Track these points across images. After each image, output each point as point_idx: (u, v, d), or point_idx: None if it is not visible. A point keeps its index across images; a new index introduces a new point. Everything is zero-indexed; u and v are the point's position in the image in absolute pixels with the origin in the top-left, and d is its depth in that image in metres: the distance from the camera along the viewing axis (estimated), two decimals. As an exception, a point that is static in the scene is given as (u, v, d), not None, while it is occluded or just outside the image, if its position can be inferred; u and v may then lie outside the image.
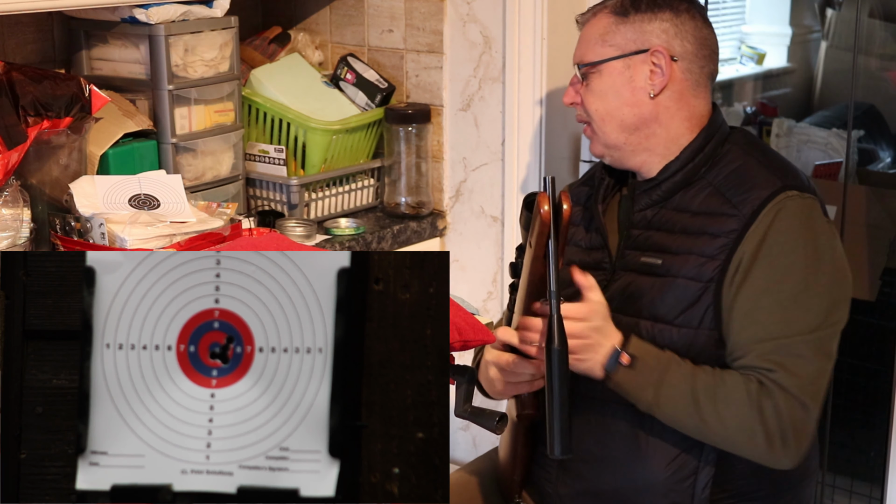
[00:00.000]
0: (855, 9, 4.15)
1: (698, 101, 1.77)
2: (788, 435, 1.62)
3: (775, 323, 1.64)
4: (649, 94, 1.75)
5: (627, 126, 1.76)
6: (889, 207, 3.06)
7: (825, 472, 2.79)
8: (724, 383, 1.64)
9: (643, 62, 1.75)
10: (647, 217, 1.76)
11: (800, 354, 1.63)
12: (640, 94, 1.75)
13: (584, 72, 1.78)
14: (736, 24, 4.76)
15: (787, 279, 1.65)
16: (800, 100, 4.61)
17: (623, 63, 1.75)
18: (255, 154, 2.49)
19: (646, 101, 1.75)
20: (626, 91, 1.75)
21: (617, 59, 1.75)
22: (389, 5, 2.62)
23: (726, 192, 1.70)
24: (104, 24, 2.27)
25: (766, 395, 1.62)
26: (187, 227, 2.03)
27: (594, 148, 1.83)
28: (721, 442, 1.66)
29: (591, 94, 1.78)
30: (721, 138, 1.77)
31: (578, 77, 1.80)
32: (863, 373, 3.08)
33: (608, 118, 1.77)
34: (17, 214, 1.97)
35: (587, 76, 1.78)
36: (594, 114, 1.78)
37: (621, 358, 1.64)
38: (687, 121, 1.76)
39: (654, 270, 1.71)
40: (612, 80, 1.76)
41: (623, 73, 1.75)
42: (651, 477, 1.71)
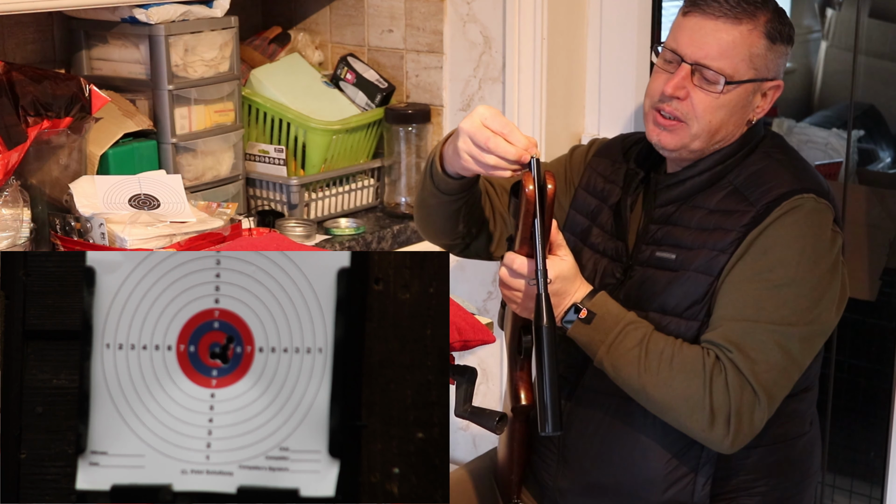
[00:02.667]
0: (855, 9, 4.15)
1: None
2: (732, 417, 1.60)
3: (749, 306, 1.63)
4: (749, 120, 1.75)
5: (716, 140, 1.73)
6: (889, 207, 3.06)
7: (825, 472, 2.79)
8: (681, 351, 1.63)
9: (764, 90, 1.74)
10: (667, 213, 1.75)
11: (763, 342, 1.61)
12: (745, 118, 1.74)
13: (718, 80, 1.69)
14: (736, 24, 4.75)
15: (776, 270, 1.64)
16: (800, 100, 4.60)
17: (754, 87, 1.72)
18: (255, 154, 2.49)
19: (742, 125, 1.75)
20: (740, 112, 1.72)
21: (752, 82, 1.71)
22: (389, 5, 2.62)
23: (745, 191, 1.70)
24: (104, 24, 2.27)
25: (718, 371, 1.60)
26: (187, 227, 2.03)
27: (671, 142, 1.73)
28: (663, 410, 1.64)
29: (712, 104, 1.69)
30: (754, 145, 1.76)
31: (695, 72, 1.70)
32: (863, 373, 3.08)
33: (714, 131, 1.72)
34: (17, 214, 1.97)
35: (720, 87, 1.69)
36: (706, 123, 1.71)
37: (579, 313, 1.66)
38: None
39: (668, 265, 1.70)
40: (738, 99, 1.71)
41: (748, 95, 1.72)
42: (651, 472, 1.71)
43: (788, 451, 1.77)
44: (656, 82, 1.74)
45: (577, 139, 2.50)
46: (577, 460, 1.78)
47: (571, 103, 2.50)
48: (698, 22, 1.70)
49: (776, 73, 1.75)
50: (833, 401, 2.69)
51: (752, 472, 1.72)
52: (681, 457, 1.70)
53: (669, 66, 1.73)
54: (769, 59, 1.72)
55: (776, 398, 1.63)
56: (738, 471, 1.72)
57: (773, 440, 1.73)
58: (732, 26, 1.68)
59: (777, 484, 1.75)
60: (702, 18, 1.70)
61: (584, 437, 1.77)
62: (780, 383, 1.63)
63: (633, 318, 1.67)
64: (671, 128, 1.73)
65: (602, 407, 1.75)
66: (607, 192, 1.86)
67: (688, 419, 1.62)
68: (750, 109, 1.74)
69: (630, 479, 1.74)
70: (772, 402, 1.62)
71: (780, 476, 1.75)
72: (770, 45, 1.71)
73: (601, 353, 1.66)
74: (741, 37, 1.68)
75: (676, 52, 1.71)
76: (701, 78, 1.69)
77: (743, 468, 1.72)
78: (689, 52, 1.70)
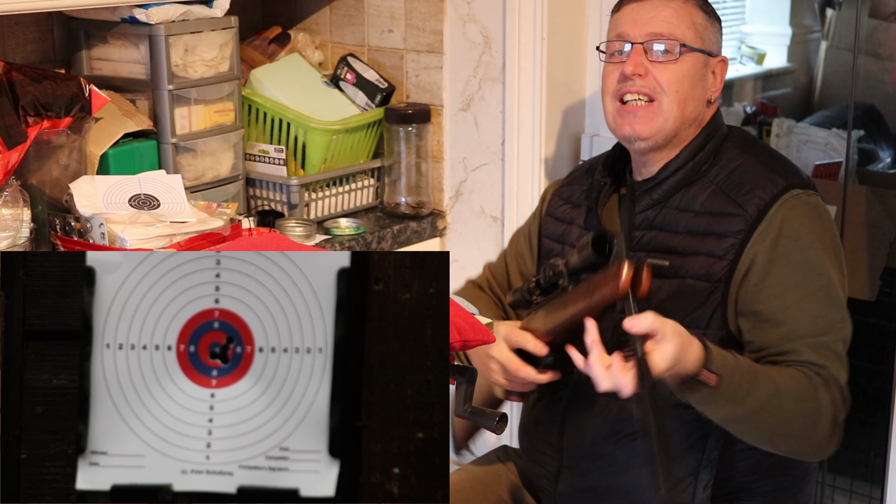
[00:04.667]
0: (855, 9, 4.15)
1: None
2: (838, 426, 1.64)
3: (812, 318, 1.65)
4: (708, 99, 1.78)
5: (686, 119, 1.75)
6: (889, 207, 3.06)
7: (825, 472, 2.79)
8: (792, 379, 1.62)
9: (712, 66, 1.78)
10: (650, 218, 1.75)
11: (838, 352, 1.65)
12: (704, 95, 1.77)
13: (672, 51, 1.73)
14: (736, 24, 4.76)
15: (809, 275, 1.66)
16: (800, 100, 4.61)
17: (703, 60, 1.76)
18: (255, 154, 2.49)
19: (704, 102, 1.78)
20: (700, 85, 1.76)
21: (703, 54, 1.76)
22: (389, 5, 2.62)
23: (730, 192, 1.70)
24: (104, 24, 2.27)
25: (825, 388, 1.62)
26: (187, 227, 2.03)
27: (645, 128, 1.74)
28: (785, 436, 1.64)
29: (673, 74, 1.73)
30: (721, 137, 1.78)
31: (648, 50, 1.74)
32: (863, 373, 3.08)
33: (682, 104, 1.74)
34: (17, 214, 1.97)
35: (677, 55, 1.73)
36: (674, 94, 1.73)
37: (705, 378, 1.54)
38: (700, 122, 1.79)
39: (663, 272, 1.70)
40: (694, 71, 1.75)
41: (702, 68, 1.76)
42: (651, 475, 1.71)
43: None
44: (611, 76, 1.77)
45: (577, 139, 2.50)
46: (576, 464, 1.78)
47: (571, 103, 2.50)
48: (634, 7, 1.77)
49: (719, 50, 1.80)
50: (833, 401, 2.69)
51: (752, 473, 1.72)
52: (681, 460, 1.69)
53: (620, 57, 1.76)
54: (711, 33, 1.78)
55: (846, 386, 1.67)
56: (739, 472, 1.72)
57: None
58: (667, 3, 1.76)
59: (777, 484, 1.75)
60: (636, 4, 1.77)
61: (581, 440, 1.77)
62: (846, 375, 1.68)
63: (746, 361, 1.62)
64: (642, 112, 1.74)
65: (599, 410, 1.75)
66: (575, 214, 1.88)
67: (806, 441, 1.64)
68: (706, 86, 1.77)
69: (629, 483, 1.73)
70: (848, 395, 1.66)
71: (780, 476, 1.75)
72: (708, 18, 1.78)
73: (734, 411, 1.59)
74: (679, 8, 1.76)
75: (623, 38, 1.76)
76: (654, 52, 1.74)
77: (743, 469, 1.72)
78: (634, 32, 1.75)
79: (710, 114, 1.79)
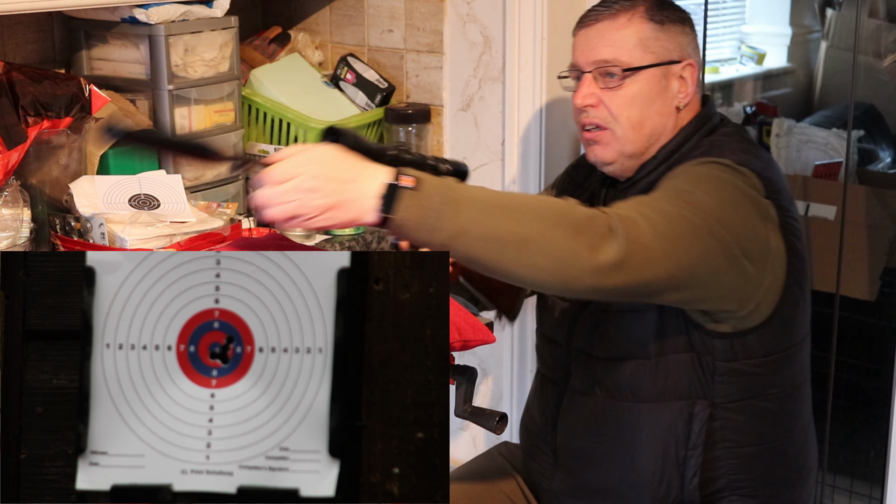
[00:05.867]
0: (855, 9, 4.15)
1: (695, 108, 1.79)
2: (617, 226, 1.43)
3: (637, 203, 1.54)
4: (677, 107, 1.75)
5: (651, 135, 1.74)
6: (889, 207, 3.06)
7: (825, 472, 2.79)
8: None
9: (675, 73, 1.75)
10: None
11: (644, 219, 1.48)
12: (669, 105, 1.75)
13: (618, 74, 1.72)
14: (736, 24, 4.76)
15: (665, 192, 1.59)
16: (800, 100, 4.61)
17: (661, 71, 1.73)
18: (255, 154, 2.49)
19: (673, 113, 1.75)
20: (658, 101, 1.73)
21: (656, 67, 1.73)
22: (389, 5, 2.62)
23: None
24: (104, 24, 2.27)
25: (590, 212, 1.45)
26: (187, 227, 2.03)
27: (606, 153, 1.75)
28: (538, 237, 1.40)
29: (622, 99, 1.72)
30: (705, 133, 1.76)
31: (596, 78, 1.74)
32: (863, 373, 3.09)
33: (638, 126, 1.73)
34: (17, 214, 1.97)
35: (621, 79, 1.72)
36: (625, 120, 1.73)
37: (403, 181, 1.35)
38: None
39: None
40: (649, 87, 1.73)
41: (659, 81, 1.73)
42: (640, 472, 1.72)
43: (780, 451, 1.75)
44: (573, 105, 1.78)
45: (577, 139, 2.50)
46: (569, 462, 1.79)
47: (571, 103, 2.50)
48: (583, 33, 1.77)
49: (683, 55, 1.75)
50: (833, 401, 2.70)
51: (742, 472, 1.72)
52: (666, 453, 1.70)
53: (576, 85, 1.78)
54: (665, 42, 1.74)
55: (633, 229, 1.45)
56: (727, 470, 1.71)
57: (761, 440, 1.72)
58: (612, 22, 1.74)
59: (769, 484, 1.74)
60: (585, 29, 1.77)
61: (574, 438, 1.78)
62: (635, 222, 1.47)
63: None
64: (599, 139, 1.75)
65: (589, 409, 1.76)
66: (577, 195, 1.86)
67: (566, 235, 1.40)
68: (670, 96, 1.75)
69: (619, 480, 1.74)
70: (627, 229, 1.44)
71: (773, 476, 1.74)
72: (659, 28, 1.74)
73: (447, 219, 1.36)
74: (624, 27, 1.73)
75: (574, 68, 1.78)
76: (603, 78, 1.73)
77: (732, 468, 1.71)
78: (582, 60, 1.76)
79: (688, 117, 1.77)
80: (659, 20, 1.74)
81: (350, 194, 1.35)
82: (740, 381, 1.69)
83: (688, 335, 1.67)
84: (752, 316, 1.65)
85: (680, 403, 1.69)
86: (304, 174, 1.34)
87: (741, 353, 1.68)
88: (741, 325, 1.66)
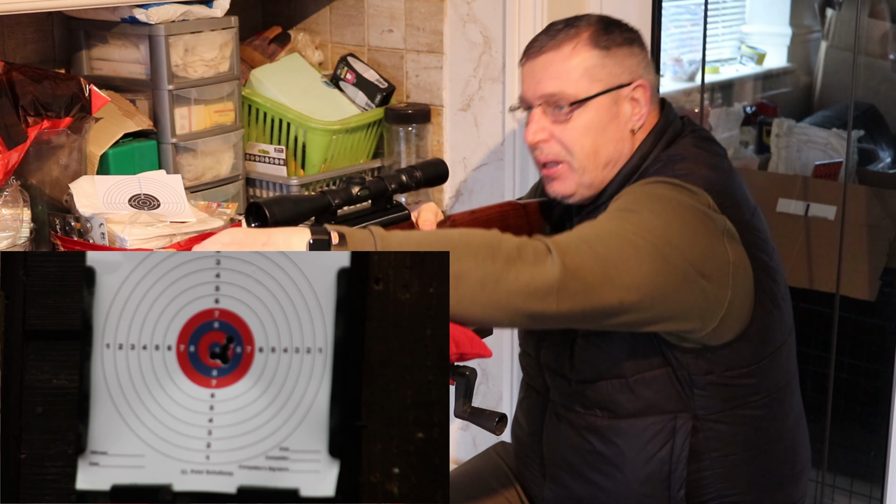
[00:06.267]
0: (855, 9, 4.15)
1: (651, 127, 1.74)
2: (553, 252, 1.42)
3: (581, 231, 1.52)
4: (632, 130, 1.71)
5: (609, 162, 1.70)
6: (889, 207, 3.06)
7: (825, 472, 2.79)
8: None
9: (625, 97, 1.70)
10: None
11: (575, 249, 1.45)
12: (624, 130, 1.71)
13: (566, 107, 1.68)
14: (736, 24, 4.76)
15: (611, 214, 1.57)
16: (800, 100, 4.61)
17: (610, 98, 1.69)
18: (255, 154, 2.49)
19: (628, 136, 1.71)
20: (612, 127, 1.70)
21: (605, 94, 1.69)
22: (389, 5, 2.62)
23: None
24: (104, 24, 2.27)
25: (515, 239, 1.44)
26: (187, 227, 2.03)
27: (564, 187, 1.72)
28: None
29: (574, 131, 1.69)
30: (660, 150, 1.71)
31: (546, 112, 1.71)
32: (863, 373, 3.08)
33: (594, 155, 1.69)
34: (17, 214, 1.97)
35: (570, 112, 1.68)
36: (579, 151, 1.69)
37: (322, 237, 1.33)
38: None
39: None
40: (600, 116, 1.69)
41: (610, 108, 1.69)
42: (626, 485, 1.71)
43: (769, 454, 1.73)
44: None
45: (577, 139, 2.50)
46: (557, 474, 1.79)
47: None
48: (529, 66, 1.73)
49: (632, 76, 1.71)
50: (833, 401, 2.69)
51: (731, 480, 1.70)
52: (652, 464, 1.68)
53: (528, 117, 1.74)
54: (612, 67, 1.69)
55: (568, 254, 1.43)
56: (715, 479, 1.69)
57: (748, 446, 1.70)
58: (556, 53, 1.70)
59: (760, 487, 1.73)
60: (531, 62, 1.73)
61: (560, 450, 1.77)
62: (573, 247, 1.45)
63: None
64: (556, 174, 1.72)
65: (572, 421, 1.75)
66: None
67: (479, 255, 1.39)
68: (623, 121, 1.71)
69: (606, 493, 1.73)
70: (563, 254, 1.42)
71: (763, 479, 1.72)
72: (605, 54, 1.69)
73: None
74: (568, 57, 1.69)
75: (523, 102, 1.74)
76: (552, 111, 1.70)
77: (720, 476, 1.69)
78: (530, 94, 1.72)
79: (642, 136, 1.73)
80: (605, 45, 1.69)
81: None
82: (721, 393, 1.66)
83: (661, 353, 1.65)
84: (719, 333, 1.61)
85: (661, 418, 1.67)
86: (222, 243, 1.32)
87: (718, 367, 1.65)
88: (711, 342, 1.63)
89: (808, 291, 3.05)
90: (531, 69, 1.73)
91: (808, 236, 3.12)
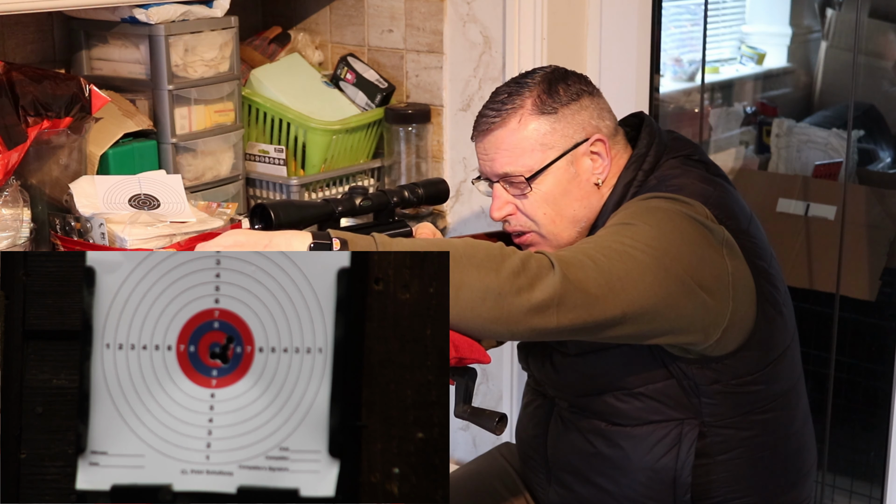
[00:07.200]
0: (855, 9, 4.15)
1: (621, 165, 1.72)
2: (555, 266, 1.43)
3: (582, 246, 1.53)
4: (596, 184, 1.69)
5: (579, 220, 1.69)
6: (889, 207, 3.06)
7: (825, 472, 2.79)
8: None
9: (584, 154, 1.68)
10: None
11: (576, 262, 1.46)
12: (586, 186, 1.69)
13: (525, 182, 1.67)
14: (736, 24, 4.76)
15: (611, 230, 1.57)
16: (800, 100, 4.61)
17: (567, 160, 1.67)
18: (255, 154, 2.49)
19: (594, 191, 1.69)
20: (574, 187, 1.68)
21: (561, 158, 1.67)
22: (389, 5, 2.62)
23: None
24: (104, 24, 2.27)
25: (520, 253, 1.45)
26: (187, 227, 2.03)
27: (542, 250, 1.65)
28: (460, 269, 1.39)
29: (535, 201, 1.68)
30: (645, 175, 1.69)
31: (507, 187, 1.70)
32: (863, 373, 3.08)
33: (559, 219, 1.69)
34: (17, 214, 1.97)
35: (528, 185, 1.67)
36: (543, 218, 1.69)
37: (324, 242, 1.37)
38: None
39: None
40: (559, 180, 1.67)
41: (568, 169, 1.68)
42: (631, 490, 1.71)
43: (775, 458, 1.73)
44: None
45: (577, 139, 2.50)
46: (562, 476, 1.79)
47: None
48: (481, 142, 1.71)
49: (587, 132, 1.69)
50: (833, 401, 2.69)
51: (737, 484, 1.70)
52: (657, 469, 1.68)
53: (491, 189, 1.73)
54: (564, 129, 1.67)
55: (570, 268, 1.45)
56: (721, 483, 1.69)
57: (755, 451, 1.70)
58: (503, 130, 1.68)
59: (766, 491, 1.73)
60: (482, 137, 1.71)
61: (564, 453, 1.77)
62: (575, 261, 1.47)
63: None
64: (529, 242, 1.72)
65: (577, 424, 1.75)
66: None
67: (483, 273, 1.40)
68: (585, 177, 1.69)
69: (611, 495, 1.73)
70: (565, 268, 1.44)
71: (770, 482, 1.72)
72: (553, 118, 1.67)
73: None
74: (515, 132, 1.67)
75: (482, 175, 1.74)
76: (511, 186, 1.69)
77: (726, 481, 1.69)
78: (487, 170, 1.71)
79: (612, 181, 1.70)
80: (551, 109, 1.67)
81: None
82: (729, 400, 1.66)
83: (665, 366, 1.65)
84: (723, 344, 1.61)
85: (668, 424, 1.67)
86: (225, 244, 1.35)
87: (725, 376, 1.65)
88: (714, 353, 1.62)
89: (808, 291, 3.05)
90: (483, 148, 1.71)
91: (808, 236, 3.12)
